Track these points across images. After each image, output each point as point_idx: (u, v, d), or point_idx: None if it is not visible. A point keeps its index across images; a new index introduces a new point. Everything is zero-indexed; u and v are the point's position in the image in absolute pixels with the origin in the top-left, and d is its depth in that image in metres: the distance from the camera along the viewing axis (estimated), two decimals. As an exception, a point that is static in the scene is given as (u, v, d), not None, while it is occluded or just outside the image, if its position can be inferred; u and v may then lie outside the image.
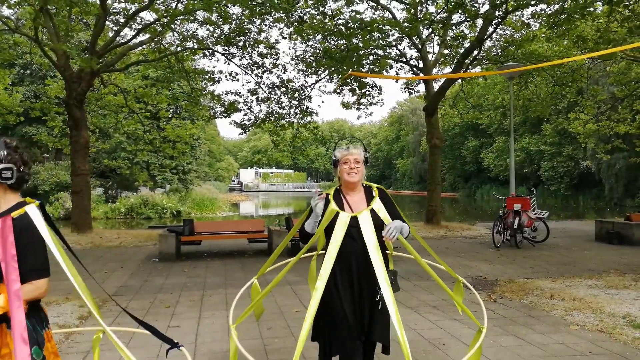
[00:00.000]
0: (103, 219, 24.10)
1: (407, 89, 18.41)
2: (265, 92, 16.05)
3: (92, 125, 18.97)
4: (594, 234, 12.09)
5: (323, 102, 57.67)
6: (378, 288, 2.55)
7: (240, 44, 14.63)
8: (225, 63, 15.67)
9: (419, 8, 14.32)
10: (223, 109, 16.11)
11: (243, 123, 16.54)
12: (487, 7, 12.39)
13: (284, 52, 31.90)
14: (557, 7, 12.15)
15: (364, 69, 13.74)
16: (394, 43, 15.30)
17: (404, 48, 17.37)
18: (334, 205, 2.67)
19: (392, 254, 2.98)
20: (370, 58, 14.52)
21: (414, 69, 16.22)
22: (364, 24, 11.55)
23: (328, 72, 15.22)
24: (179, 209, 27.14)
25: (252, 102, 16.27)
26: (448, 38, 15.32)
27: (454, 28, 14.67)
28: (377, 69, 14.35)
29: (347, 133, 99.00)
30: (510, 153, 13.00)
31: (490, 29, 13.33)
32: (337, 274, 2.64)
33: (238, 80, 16.25)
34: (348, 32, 12.25)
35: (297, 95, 16.49)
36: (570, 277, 7.37)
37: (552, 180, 42.09)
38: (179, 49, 14.72)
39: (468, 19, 13.23)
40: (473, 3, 12.53)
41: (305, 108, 16.77)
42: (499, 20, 12.98)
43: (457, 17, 13.28)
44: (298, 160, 72.59)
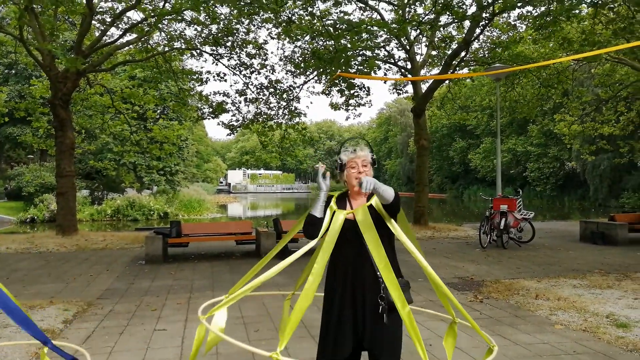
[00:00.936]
0: (89, 221, 23.86)
1: (395, 90, 18.51)
2: (254, 92, 16.02)
3: (77, 126, 18.77)
4: (579, 235, 12.22)
5: (312, 103, 57.56)
6: (380, 297, 2.34)
7: (229, 44, 14.57)
8: (213, 63, 15.63)
9: (407, 9, 14.39)
10: (211, 110, 16.03)
11: (231, 124, 16.47)
12: (474, 8, 12.51)
13: (273, 52, 32.15)
14: (543, 9, 12.29)
15: (352, 70, 13.77)
16: (382, 44, 15.37)
17: (392, 49, 17.41)
18: (334, 205, 2.49)
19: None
20: (359, 59, 14.56)
21: (402, 70, 16.30)
22: (352, 25, 11.58)
23: (316, 72, 15.22)
24: (166, 211, 26.98)
25: (240, 102, 16.24)
26: (436, 39, 15.42)
27: (442, 29, 14.78)
28: (365, 70, 14.39)
29: (335, 134, 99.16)
30: (497, 154, 13.10)
31: (478, 31, 13.44)
32: (335, 279, 2.49)
33: (226, 81, 16.26)
34: (336, 33, 12.27)
35: (285, 96, 16.47)
36: (555, 277, 7.44)
37: (538, 181, 42.55)
38: (167, 49, 14.61)
39: (455, 21, 13.33)
40: (460, 5, 12.63)
41: (294, 109, 16.76)
42: (486, 22, 13.08)
43: (444, 18, 13.37)
44: (286, 162, 72.53)
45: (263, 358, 2.62)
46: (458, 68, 15.11)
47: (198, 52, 14.95)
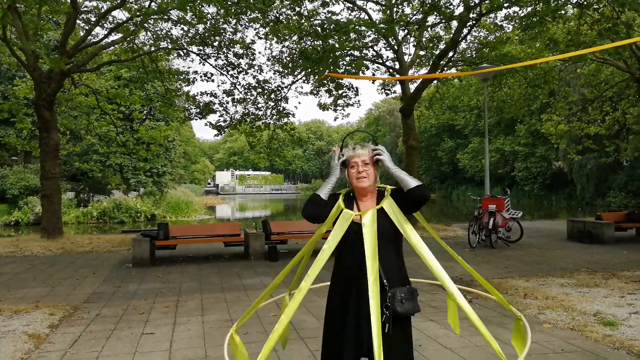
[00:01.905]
0: (74, 224, 23.56)
1: (383, 90, 18.53)
2: (241, 93, 15.93)
3: (62, 127, 18.53)
4: (566, 234, 12.32)
5: (300, 103, 57.61)
6: (385, 307, 2.21)
7: (216, 44, 14.47)
8: (200, 63, 15.48)
9: (395, 9, 14.40)
10: (198, 110, 15.92)
11: (219, 124, 16.36)
12: (461, 9, 12.54)
13: (260, 52, 32.00)
14: (529, 9, 12.38)
15: (340, 70, 13.75)
16: (370, 44, 15.36)
17: (380, 49, 17.44)
18: (341, 203, 2.35)
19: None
20: (347, 59, 14.54)
21: (390, 70, 16.31)
22: (340, 25, 11.56)
23: (304, 73, 15.18)
24: (154, 213, 26.75)
25: (227, 103, 16.12)
26: (424, 39, 15.46)
27: (430, 30, 14.79)
28: (353, 70, 14.37)
29: (324, 134, 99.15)
30: (485, 154, 13.15)
31: (465, 31, 13.49)
32: (338, 285, 2.39)
33: (213, 81, 16.08)
34: (324, 33, 12.23)
35: (273, 96, 16.40)
36: (543, 276, 7.48)
37: (526, 181, 42.93)
38: (153, 49, 14.47)
39: (443, 21, 13.36)
40: (448, 5, 12.67)
41: (282, 109, 16.70)
42: (473, 22, 13.14)
43: (432, 18, 13.40)
44: (275, 162, 72.21)
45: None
46: (446, 68, 15.17)
47: (185, 52, 14.83)
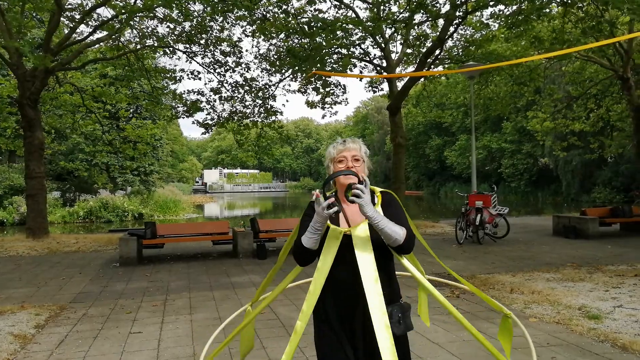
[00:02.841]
0: (61, 224, 23.28)
1: (371, 88, 18.56)
2: (229, 91, 15.87)
3: (47, 126, 18.31)
4: (552, 229, 12.48)
5: (288, 101, 57.60)
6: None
7: (202, 42, 14.39)
8: (187, 61, 15.44)
9: (382, 7, 14.44)
10: (185, 109, 15.83)
11: (206, 122, 16.29)
12: (447, 7, 12.60)
13: (247, 50, 31.82)
14: (514, 8, 12.49)
15: (328, 68, 13.77)
16: (358, 42, 15.38)
17: (368, 47, 17.50)
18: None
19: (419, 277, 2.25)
20: (334, 57, 14.55)
21: (378, 68, 16.36)
22: (326, 24, 11.56)
23: (292, 71, 15.16)
24: (141, 212, 26.52)
25: (215, 101, 16.07)
26: (410, 37, 15.52)
27: (416, 28, 14.88)
28: (340, 68, 14.39)
29: (312, 132, 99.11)
30: (472, 151, 13.27)
31: (451, 29, 13.57)
32: (328, 307, 2.12)
33: (200, 79, 16.13)
34: (311, 31, 12.23)
35: (261, 94, 16.36)
36: (530, 271, 7.57)
37: (512, 177, 43.33)
38: (138, 47, 14.35)
39: (430, 19, 13.44)
40: (434, 3, 12.73)
41: (270, 107, 16.66)
42: (460, 21, 13.22)
43: (419, 17, 13.45)
44: (263, 160, 72.16)
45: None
46: (433, 66, 15.24)
47: (171, 49, 14.72)
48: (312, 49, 12.31)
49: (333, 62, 14.41)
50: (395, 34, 15.54)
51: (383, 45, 15.35)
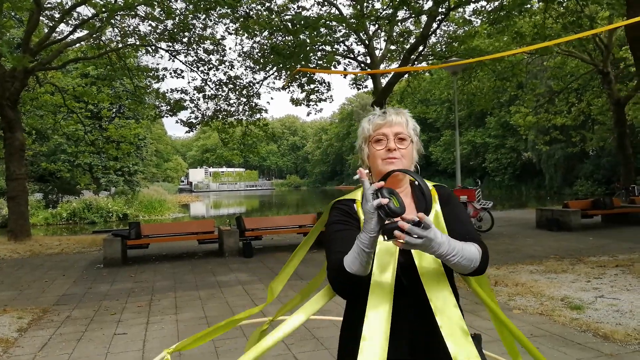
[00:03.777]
0: (43, 226, 22.93)
1: (355, 85, 18.58)
2: (212, 89, 15.77)
3: (27, 127, 18.03)
4: (535, 222, 12.63)
5: (272, 98, 57.52)
6: None
7: (185, 40, 14.28)
8: (170, 60, 15.32)
9: (365, 4, 14.45)
10: (169, 107, 15.69)
11: (190, 121, 16.17)
12: (430, 3, 12.69)
13: (231, 48, 31.64)
14: (496, 4, 12.60)
15: (312, 65, 13.74)
16: (342, 39, 15.38)
17: (352, 44, 17.53)
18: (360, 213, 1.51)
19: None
20: (318, 54, 14.53)
21: (362, 65, 16.38)
22: (309, 23, 11.53)
23: (276, 68, 15.11)
24: (126, 212, 26.24)
25: (198, 99, 15.95)
26: (394, 34, 15.55)
27: (400, 24, 14.92)
28: (325, 65, 14.38)
29: (298, 129, 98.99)
30: (456, 146, 13.36)
31: (434, 25, 13.63)
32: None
33: (184, 78, 15.99)
34: (295, 28, 12.20)
35: (245, 92, 16.28)
36: (514, 264, 7.66)
37: (496, 172, 43.76)
38: (120, 46, 14.18)
39: (413, 16, 13.48)
40: (417, 0, 12.78)
41: (254, 105, 16.59)
42: (442, 17, 13.29)
43: (402, 13, 13.50)
44: (249, 158, 71.81)
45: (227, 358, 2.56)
46: (416, 62, 15.30)
47: (153, 48, 14.59)
48: (295, 47, 12.27)
49: (317, 59, 14.39)
50: (379, 31, 15.57)
51: (367, 42, 15.37)
